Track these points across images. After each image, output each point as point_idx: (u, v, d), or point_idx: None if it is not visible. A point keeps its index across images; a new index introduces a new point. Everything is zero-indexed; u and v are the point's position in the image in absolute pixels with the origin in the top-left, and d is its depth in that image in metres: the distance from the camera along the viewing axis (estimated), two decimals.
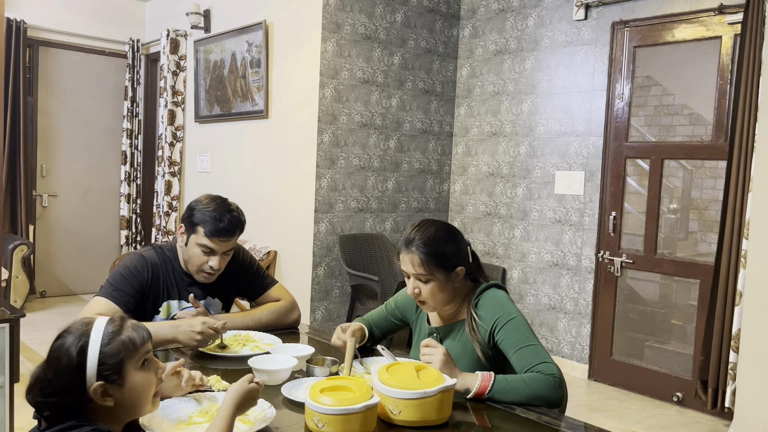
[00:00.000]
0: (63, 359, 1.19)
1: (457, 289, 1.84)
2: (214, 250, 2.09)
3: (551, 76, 4.58)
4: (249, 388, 1.39)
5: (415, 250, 1.79)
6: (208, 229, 2.06)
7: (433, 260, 1.78)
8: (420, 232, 1.81)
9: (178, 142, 5.87)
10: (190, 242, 2.11)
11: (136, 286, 2.07)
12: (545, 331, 4.61)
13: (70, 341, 1.20)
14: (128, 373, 1.23)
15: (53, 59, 6.07)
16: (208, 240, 2.07)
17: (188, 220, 2.12)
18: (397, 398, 1.48)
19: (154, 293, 2.13)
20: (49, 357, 1.21)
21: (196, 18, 5.43)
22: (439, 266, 1.78)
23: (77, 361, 1.19)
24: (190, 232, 2.11)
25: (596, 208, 4.34)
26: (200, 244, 2.08)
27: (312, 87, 4.49)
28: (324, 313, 4.63)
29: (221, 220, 2.07)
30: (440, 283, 1.79)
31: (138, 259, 2.12)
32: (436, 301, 1.82)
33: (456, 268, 1.81)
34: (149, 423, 1.44)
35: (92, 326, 1.23)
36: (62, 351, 1.20)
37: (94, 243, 6.39)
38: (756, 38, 3.41)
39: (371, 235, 4.80)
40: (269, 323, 2.25)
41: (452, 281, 1.81)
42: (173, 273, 2.17)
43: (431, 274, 1.78)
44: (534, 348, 1.72)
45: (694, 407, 3.87)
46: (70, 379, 1.18)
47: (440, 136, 5.20)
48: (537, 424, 1.56)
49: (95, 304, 2.01)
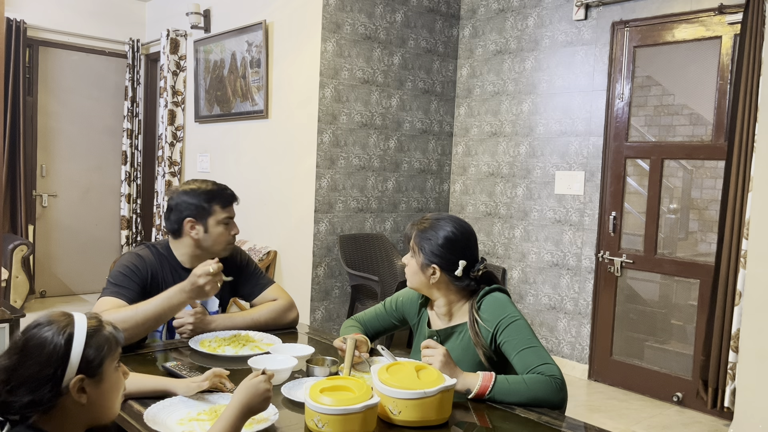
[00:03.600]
0: (46, 347, 1.13)
1: (434, 286, 1.87)
2: (231, 218, 2.20)
3: (551, 76, 4.58)
4: (261, 389, 1.34)
5: (418, 225, 1.90)
6: (222, 202, 2.17)
7: (419, 241, 1.88)
8: (437, 218, 1.90)
9: (178, 142, 5.87)
10: (210, 225, 2.15)
11: (138, 282, 2.08)
12: (545, 331, 4.61)
13: (53, 330, 1.15)
14: (106, 371, 1.20)
15: (53, 59, 6.07)
16: (226, 211, 2.18)
17: (196, 210, 2.14)
18: (397, 398, 1.48)
19: (154, 290, 2.13)
20: (25, 346, 1.14)
21: (196, 18, 5.43)
22: (420, 251, 1.87)
23: (64, 349, 1.13)
24: (206, 216, 2.15)
25: (596, 208, 4.34)
26: (221, 220, 2.17)
27: (312, 87, 4.49)
28: (324, 313, 4.63)
29: (226, 190, 2.22)
30: (414, 265, 1.88)
31: (136, 258, 2.13)
32: (411, 280, 1.91)
33: (432, 264, 1.84)
34: (153, 419, 1.45)
35: (74, 318, 1.19)
36: (44, 339, 1.13)
37: (94, 243, 6.39)
38: (756, 38, 3.41)
39: (371, 235, 4.80)
40: (267, 323, 2.25)
41: (426, 274, 1.86)
42: (170, 270, 2.17)
43: (413, 251, 1.89)
44: (536, 350, 1.73)
45: (694, 407, 3.87)
46: (53, 369, 1.12)
47: (440, 136, 5.20)
48: (537, 424, 1.56)
49: (104, 304, 1.99)
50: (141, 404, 1.55)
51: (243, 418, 1.32)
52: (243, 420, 1.33)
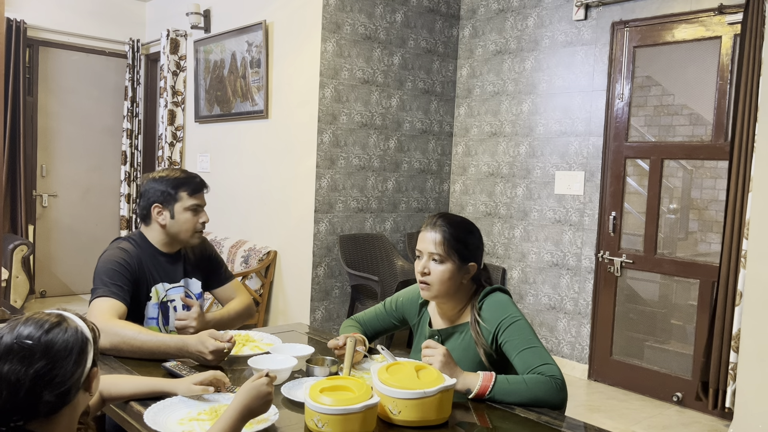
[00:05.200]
0: (74, 347, 1.11)
1: (462, 286, 1.85)
2: (200, 206, 2.21)
3: (551, 76, 4.58)
4: (263, 392, 1.34)
5: (440, 229, 1.83)
6: (190, 189, 2.19)
7: (454, 243, 1.81)
8: (448, 217, 1.88)
9: (178, 142, 5.87)
10: (177, 211, 2.17)
11: (129, 277, 2.08)
12: (545, 331, 4.61)
13: (70, 330, 1.13)
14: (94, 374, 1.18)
15: (53, 59, 6.07)
16: (194, 199, 2.19)
17: (162, 196, 2.17)
18: (397, 398, 1.48)
19: (144, 281, 2.15)
20: (49, 350, 1.10)
21: (196, 18, 5.43)
22: (456, 252, 1.81)
23: (86, 347, 1.13)
24: (172, 203, 2.17)
25: (596, 208, 4.34)
26: (188, 207, 2.18)
27: (312, 87, 4.49)
28: (324, 313, 4.63)
29: (195, 177, 2.24)
30: (451, 269, 1.81)
31: (120, 253, 2.12)
32: (440, 286, 1.82)
33: (470, 261, 1.83)
34: (153, 419, 1.45)
35: (65, 316, 1.16)
36: (66, 340, 1.11)
37: (94, 243, 6.38)
38: (756, 38, 3.41)
39: (371, 235, 4.80)
40: (230, 325, 2.28)
41: (462, 273, 1.83)
42: (150, 257, 2.19)
43: (447, 255, 1.80)
44: (537, 350, 1.73)
45: (694, 407, 3.87)
46: (81, 368, 1.12)
47: (440, 136, 5.20)
48: (537, 424, 1.56)
49: (101, 306, 1.97)
50: (141, 404, 1.54)
51: (243, 419, 1.33)
52: (243, 421, 1.33)
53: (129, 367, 1.82)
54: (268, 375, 1.39)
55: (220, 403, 1.56)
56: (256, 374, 1.40)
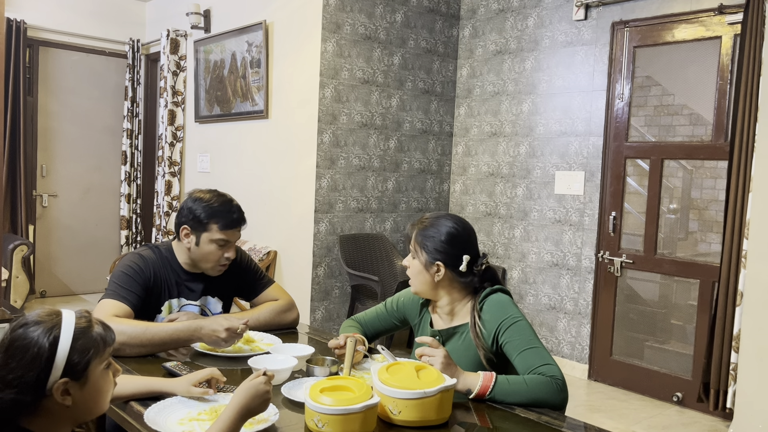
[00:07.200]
0: (30, 350, 1.10)
1: (447, 285, 1.86)
2: (229, 242, 2.13)
3: (551, 76, 4.58)
4: (261, 391, 1.34)
5: (416, 226, 1.90)
6: (222, 224, 2.10)
7: (420, 240, 1.87)
8: (436, 216, 1.90)
9: (178, 142, 5.87)
10: (203, 241, 2.10)
11: (141, 284, 2.07)
12: (545, 331, 4.61)
13: (39, 331, 1.12)
14: (92, 372, 1.17)
15: (53, 59, 6.07)
16: (223, 234, 2.11)
17: (195, 220, 2.10)
18: (397, 398, 1.48)
19: (156, 292, 2.13)
20: (10, 347, 1.12)
21: (196, 18, 5.43)
22: (423, 249, 1.86)
23: (48, 353, 1.11)
24: (201, 230, 2.10)
25: (596, 208, 4.34)
26: (215, 240, 2.10)
27: (312, 87, 4.49)
28: (324, 313, 4.63)
29: (232, 212, 2.14)
30: (418, 265, 1.87)
31: (139, 259, 2.12)
32: (414, 280, 1.89)
33: (436, 261, 1.83)
34: (153, 419, 1.45)
35: (62, 318, 1.16)
36: (29, 341, 1.11)
37: (94, 243, 6.39)
38: (756, 38, 3.41)
39: (371, 235, 4.80)
40: (268, 322, 2.25)
41: (431, 272, 1.84)
42: (172, 272, 2.17)
43: (415, 251, 1.88)
44: (537, 350, 1.73)
45: (694, 407, 3.87)
46: (36, 373, 1.10)
47: (440, 136, 5.20)
48: (537, 424, 1.56)
49: (105, 307, 1.98)
50: (141, 404, 1.55)
51: (242, 419, 1.32)
52: (242, 421, 1.32)
53: (129, 367, 1.82)
54: (265, 374, 1.38)
55: (219, 403, 1.56)
56: (254, 373, 1.40)
